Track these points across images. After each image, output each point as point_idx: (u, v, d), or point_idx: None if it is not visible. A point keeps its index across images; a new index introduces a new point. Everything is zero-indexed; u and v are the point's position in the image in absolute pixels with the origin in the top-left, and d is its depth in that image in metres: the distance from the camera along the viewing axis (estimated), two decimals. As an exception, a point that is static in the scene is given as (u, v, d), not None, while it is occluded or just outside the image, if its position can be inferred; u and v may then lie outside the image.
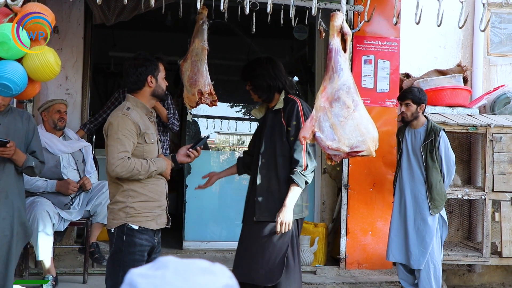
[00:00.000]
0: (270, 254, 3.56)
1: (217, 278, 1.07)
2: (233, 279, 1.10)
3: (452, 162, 4.70)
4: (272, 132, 3.66)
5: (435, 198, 4.64)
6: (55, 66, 3.51)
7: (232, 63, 8.49)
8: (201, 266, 1.08)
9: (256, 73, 3.71)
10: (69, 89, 5.83)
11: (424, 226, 4.68)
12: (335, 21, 3.12)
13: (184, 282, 1.03)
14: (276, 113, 3.68)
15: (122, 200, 3.26)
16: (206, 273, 1.07)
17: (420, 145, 4.70)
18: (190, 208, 6.23)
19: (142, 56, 3.41)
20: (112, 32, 8.12)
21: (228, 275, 1.10)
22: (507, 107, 5.82)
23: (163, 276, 1.05)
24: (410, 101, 4.70)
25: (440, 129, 4.70)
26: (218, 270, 1.09)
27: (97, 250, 4.95)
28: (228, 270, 1.12)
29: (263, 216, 3.59)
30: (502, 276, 6.12)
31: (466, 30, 6.30)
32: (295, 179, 3.50)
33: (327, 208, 6.30)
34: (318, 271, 5.58)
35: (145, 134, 3.30)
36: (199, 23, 4.33)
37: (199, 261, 1.11)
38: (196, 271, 1.06)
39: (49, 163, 4.78)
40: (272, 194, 3.60)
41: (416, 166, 4.74)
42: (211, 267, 1.09)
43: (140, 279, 1.05)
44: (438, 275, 4.72)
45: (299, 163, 3.53)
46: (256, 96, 3.76)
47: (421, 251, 4.68)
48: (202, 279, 1.05)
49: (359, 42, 5.70)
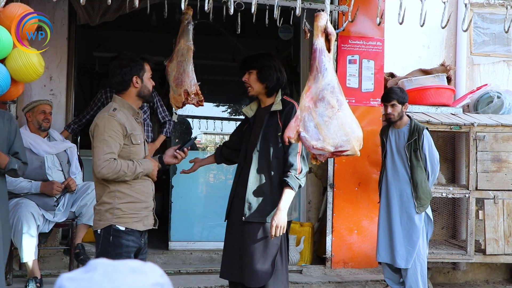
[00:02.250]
0: (260, 256, 3.55)
1: (146, 277, 1.06)
2: (164, 278, 1.09)
3: (436, 160, 4.75)
4: (267, 133, 3.64)
5: (420, 197, 4.67)
6: (38, 67, 3.50)
7: (217, 63, 8.49)
8: (131, 266, 1.08)
9: (269, 63, 3.68)
10: (53, 90, 5.79)
11: (410, 225, 4.71)
12: (319, 21, 3.13)
13: (111, 283, 1.03)
14: (272, 114, 3.66)
15: (109, 201, 3.25)
16: (134, 273, 1.06)
17: (404, 144, 4.73)
18: (176, 208, 6.21)
19: (127, 56, 3.39)
20: (97, 32, 8.08)
21: (159, 273, 1.10)
22: (490, 106, 5.88)
23: (91, 278, 1.04)
24: (395, 101, 4.73)
25: (424, 128, 4.74)
26: (148, 269, 1.09)
27: (83, 251, 4.92)
28: (159, 269, 1.12)
29: (253, 217, 3.57)
30: (486, 273, 6.18)
31: (449, 30, 6.36)
32: (290, 182, 3.49)
33: (313, 208, 6.32)
34: (304, 270, 5.60)
35: (131, 135, 3.28)
36: (184, 23, 4.33)
37: (130, 261, 1.10)
38: (125, 271, 1.06)
39: (34, 164, 4.75)
40: (264, 196, 3.58)
41: (400, 166, 4.77)
42: (141, 266, 1.09)
43: (67, 283, 1.05)
44: (424, 273, 4.76)
45: (294, 166, 3.52)
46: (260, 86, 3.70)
47: (408, 250, 4.70)
48: (130, 279, 1.05)
49: (343, 42, 5.73)
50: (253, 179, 3.61)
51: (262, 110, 3.76)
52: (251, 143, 3.72)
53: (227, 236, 3.81)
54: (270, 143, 3.61)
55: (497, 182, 5.45)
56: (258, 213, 3.56)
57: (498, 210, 5.45)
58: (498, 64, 6.59)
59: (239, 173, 3.78)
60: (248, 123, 3.88)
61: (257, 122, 3.77)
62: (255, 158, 3.63)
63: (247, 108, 3.86)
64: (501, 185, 5.45)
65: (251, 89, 3.74)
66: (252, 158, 3.63)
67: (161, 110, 5.81)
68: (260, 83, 3.69)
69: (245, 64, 3.77)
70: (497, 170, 5.45)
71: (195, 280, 5.21)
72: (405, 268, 4.73)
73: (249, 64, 3.74)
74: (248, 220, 3.58)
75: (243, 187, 3.65)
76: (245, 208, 3.58)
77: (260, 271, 3.54)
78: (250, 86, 3.73)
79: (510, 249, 5.46)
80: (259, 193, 3.59)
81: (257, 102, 3.84)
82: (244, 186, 3.64)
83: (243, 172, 3.73)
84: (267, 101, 3.75)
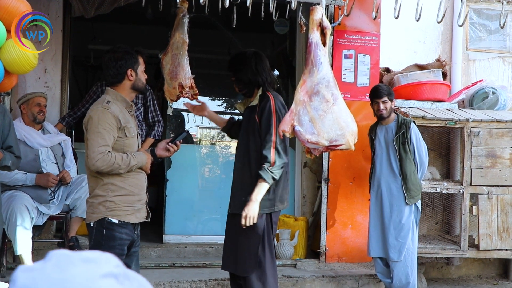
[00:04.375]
0: (243, 246, 3.72)
1: (98, 267, 1.04)
2: (119, 268, 1.06)
3: (424, 153, 4.81)
4: (247, 128, 3.79)
5: (410, 188, 4.73)
6: (33, 59, 3.48)
7: (213, 57, 8.47)
8: (84, 256, 1.05)
9: (240, 67, 3.79)
10: (47, 82, 5.77)
11: (401, 217, 4.76)
12: (314, 15, 3.13)
13: (61, 273, 1.01)
14: (251, 109, 3.79)
15: (102, 194, 3.25)
16: (86, 263, 1.04)
17: (392, 138, 4.79)
18: (170, 202, 6.21)
19: (121, 49, 3.39)
20: (92, 25, 8.04)
21: (114, 264, 1.07)
22: (485, 101, 5.88)
23: (43, 268, 1.02)
24: (386, 97, 4.80)
25: (411, 121, 4.81)
26: (102, 259, 1.06)
27: (77, 244, 4.92)
28: (115, 259, 1.08)
29: (236, 209, 3.73)
30: (479, 268, 6.21)
31: (445, 25, 6.35)
32: (262, 175, 3.59)
33: (307, 202, 6.32)
34: (298, 264, 5.61)
35: (125, 128, 3.28)
36: (179, 16, 4.31)
37: (87, 252, 1.08)
38: (76, 262, 1.03)
39: (28, 157, 4.73)
40: (245, 188, 3.70)
41: (390, 160, 4.83)
42: (95, 257, 1.06)
43: (20, 274, 1.03)
44: (414, 266, 4.80)
45: (267, 159, 3.61)
46: (237, 88, 3.88)
47: (400, 242, 4.75)
48: (81, 269, 1.02)
49: (339, 36, 5.72)
50: (237, 173, 3.81)
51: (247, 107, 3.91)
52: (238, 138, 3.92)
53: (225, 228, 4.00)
54: (249, 138, 3.75)
55: (491, 178, 5.46)
56: (241, 205, 3.66)
57: (492, 206, 5.46)
58: (493, 60, 6.58)
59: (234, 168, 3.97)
60: None
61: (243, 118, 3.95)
62: (238, 153, 3.83)
63: (240, 104, 4.02)
64: (495, 180, 5.47)
65: (236, 88, 3.92)
66: (236, 152, 3.85)
67: (152, 109, 5.66)
68: (236, 85, 3.87)
69: (228, 65, 3.93)
70: (491, 166, 5.46)
71: (190, 274, 5.21)
72: (397, 260, 4.76)
73: (229, 66, 3.90)
74: (233, 212, 3.76)
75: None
76: (231, 200, 3.80)
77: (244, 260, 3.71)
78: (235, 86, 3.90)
79: (503, 244, 5.48)
80: (242, 186, 3.74)
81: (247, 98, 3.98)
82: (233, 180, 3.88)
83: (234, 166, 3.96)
84: (252, 97, 3.87)
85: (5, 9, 3.23)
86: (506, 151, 5.48)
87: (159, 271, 5.29)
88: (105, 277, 1.03)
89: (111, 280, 1.03)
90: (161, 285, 4.92)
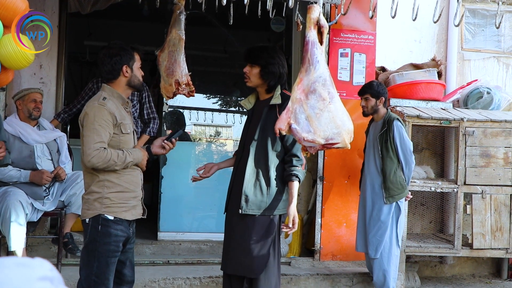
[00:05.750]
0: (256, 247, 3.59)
1: (32, 271, 1.05)
2: (53, 272, 1.08)
3: (408, 151, 4.79)
4: (265, 127, 3.63)
5: (389, 187, 4.76)
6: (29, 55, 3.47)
7: (208, 54, 8.46)
8: (18, 261, 1.07)
9: (274, 60, 3.65)
10: (43, 78, 5.75)
11: (380, 215, 4.81)
12: (312, 14, 3.13)
13: None
14: (271, 108, 3.65)
15: (98, 190, 3.25)
16: (20, 267, 1.06)
17: (377, 135, 4.82)
18: (165, 199, 6.21)
19: (117, 45, 3.38)
20: (88, 21, 8.02)
21: (48, 267, 1.08)
22: (480, 101, 5.91)
23: None
24: (368, 95, 4.86)
25: (394, 118, 4.81)
26: (36, 263, 1.08)
27: (71, 240, 4.92)
28: (48, 264, 1.10)
29: (250, 210, 3.59)
30: (472, 267, 6.24)
31: (441, 25, 6.37)
32: (299, 175, 3.57)
33: (302, 200, 6.32)
34: (293, 262, 5.62)
35: (121, 124, 3.28)
36: (176, 13, 4.30)
37: (19, 258, 1.10)
38: (11, 266, 1.05)
39: (23, 153, 4.72)
40: (261, 189, 3.60)
41: (374, 157, 4.89)
42: (29, 261, 1.08)
43: None
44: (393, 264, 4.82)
45: (301, 160, 3.60)
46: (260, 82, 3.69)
47: (378, 240, 4.81)
48: (16, 273, 1.04)
49: (335, 35, 5.73)
50: (250, 172, 3.61)
51: (261, 103, 3.75)
52: (249, 136, 3.72)
53: (226, 229, 3.82)
54: (268, 137, 3.62)
55: (485, 177, 5.49)
56: (255, 205, 3.59)
57: (486, 205, 5.49)
58: (488, 60, 6.61)
59: (237, 165, 3.78)
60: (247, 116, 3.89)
61: (255, 115, 3.76)
62: (253, 151, 3.63)
63: (245, 100, 3.85)
64: (489, 180, 5.49)
65: (249, 81, 3.72)
66: (250, 151, 3.64)
67: (147, 106, 5.64)
68: (262, 79, 3.67)
69: (249, 56, 3.71)
70: (485, 165, 5.49)
71: (184, 271, 5.22)
72: (374, 258, 4.82)
73: (253, 58, 3.69)
74: (245, 213, 3.60)
75: (240, 180, 3.66)
76: (242, 200, 3.59)
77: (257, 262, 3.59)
78: (249, 78, 3.71)
79: (496, 243, 5.51)
80: (256, 186, 3.61)
81: (255, 94, 3.84)
82: (241, 179, 3.65)
83: (241, 164, 3.73)
84: (266, 94, 3.74)
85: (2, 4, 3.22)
86: (500, 150, 5.51)
87: (153, 268, 5.29)
88: (41, 280, 1.04)
89: (47, 283, 1.05)
90: (155, 282, 4.92)
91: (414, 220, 5.94)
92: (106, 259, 3.24)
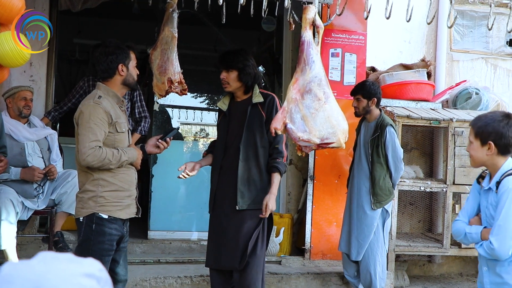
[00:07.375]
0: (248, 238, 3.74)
1: (80, 267, 1.09)
2: (103, 273, 1.11)
3: (399, 158, 4.71)
4: (251, 125, 3.78)
5: (377, 193, 4.71)
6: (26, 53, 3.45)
7: (198, 53, 8.45)
8: (70, 257, 1.11)
9: (249, 63, 3.81)
10: (33, 76, 5.71)
11: (364, 219, 4.76)
12: (307, 14, 3.15)
13: (45, 266, 1.07)
14: (253, 106, 3.80)
15: (92, 189, 3.24)
16: (70, 262, 1.09)
17: (368, 139, 4.79)
18: (155, 198, 6.20)
19: (112, 43, 3.38)
20: (77, 19, 7.97)
21: (98, 268, 1.11)
22: (469, 102, 5.96)
23: (28, 262, 1.09)
24: (360, 96, 4.76)
25: (387, 124, 4.70)
26: (86, 262, 1.11)
27: (62, 239, 4.88)
28: (99, 264, 1.12)
29: (246, 205, 3.75)
30: (460, 266, 6.30)
31: (430, 26, 6.42)
32: (281, 168, 3.72)
33: (292, 199, 6.35)
34: (283, 261, 5.64)
35: (116, 123, 3.27)
36: (169, 11, 4.30)
37: (73, 255, 1.13)
38: (62, 259, 1.09)
39: (14, 151, 4.69)
40: (254, 183, 3.77)
41: (363, 160, 4.82)
42: (79, 259, 1.11)
43: (7, 265, 1.10)
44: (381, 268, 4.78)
45: (282, 154, 3.75)
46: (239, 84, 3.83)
47: (360, 243, 4.77)
48: (65, 265, 1.08)
49: (326, 35, 5.74)
50: (243, 169, 3.76)
51: (240, 104, 3.89)
52: (231, 135, 3.85)
53: (213, 227, 3.91)
54: (255, 134, 3.77)
55: (474, 177, 5.42)
56: (251, 200, 3.74)
57: (474, 205, 5.53)
58: (476, 61, 6.68)
59: (220, 165, 3.88)
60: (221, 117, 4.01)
61: (233, 115, 3.90)
62: (242, 149, 3.76)
63: (220, 102, 3.99)
64: (478, 180, 5.54)
65: (228, 86, 3.85)
66: (240, 150, 3.76)
67: (139, 105, 5.61)
68: (240, 82, 3.83)
69: (225, 62, 3.84)
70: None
71: (175, 270, 5.21)
72: (355, 260, 4.82)
73: (229, 63, 3.82)
74: (242, 209, 3.74)
75: (229, 178, 3.80)
76: (238, 197, 3.74)
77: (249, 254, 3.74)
78: (228, 83, 3.84)
79: (484, 242, 5.56)
80: (250, 182, 3.77)
81: (229, 96, 3.97)
82: (230, 177, 3.80)
83: (226, 164, 3.86)
84: (243, 95, 3.89)
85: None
86: (488, 151, 5.56)
87: (144, 267, 5.28)
88: (87, 276, 1.07)
89: (93, 281, 1.08)
90: (146, 281, 4.91)
91: (403, 220, 5.99)
92: (100, 257, 3.23)
